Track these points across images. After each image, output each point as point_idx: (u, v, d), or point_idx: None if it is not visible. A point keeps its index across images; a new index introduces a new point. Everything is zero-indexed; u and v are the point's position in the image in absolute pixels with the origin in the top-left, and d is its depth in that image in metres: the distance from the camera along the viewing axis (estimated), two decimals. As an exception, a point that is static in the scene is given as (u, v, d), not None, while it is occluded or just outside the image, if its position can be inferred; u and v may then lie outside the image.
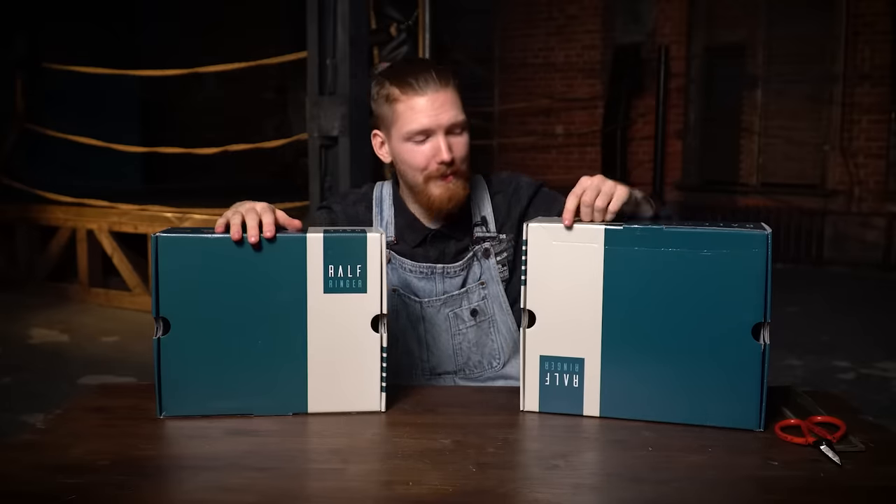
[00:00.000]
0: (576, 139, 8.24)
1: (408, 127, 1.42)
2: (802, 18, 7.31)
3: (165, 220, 5.12)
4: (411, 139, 1.43)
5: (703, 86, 7.76)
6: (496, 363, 1.52)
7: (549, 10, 8.19)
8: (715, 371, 1.18)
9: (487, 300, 1.51)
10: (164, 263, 1.19)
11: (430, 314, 1.50)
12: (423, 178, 1.44)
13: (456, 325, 1.51)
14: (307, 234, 1.21)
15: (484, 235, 1.52)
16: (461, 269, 1.51)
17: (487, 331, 1.52)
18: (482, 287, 1.51)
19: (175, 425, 1.20)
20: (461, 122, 1.44)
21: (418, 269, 1.50)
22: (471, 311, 1.51)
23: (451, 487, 0.99)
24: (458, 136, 1.44)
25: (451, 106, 1.42)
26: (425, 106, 1.41)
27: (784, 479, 1.03)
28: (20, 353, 4.33)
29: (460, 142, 1.44)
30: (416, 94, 1.41)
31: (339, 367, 1.23)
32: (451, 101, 1.42)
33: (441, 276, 1.50)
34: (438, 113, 1.41)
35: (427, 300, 1.50)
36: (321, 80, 4.17)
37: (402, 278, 1.50)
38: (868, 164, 7.19)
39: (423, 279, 1.50)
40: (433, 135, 1.42)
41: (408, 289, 1.50)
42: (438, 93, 1.41)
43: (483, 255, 1.51)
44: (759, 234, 1.16)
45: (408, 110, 1.42)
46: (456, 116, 1.43)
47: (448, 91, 1.42)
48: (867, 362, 4.22)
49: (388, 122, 1.46)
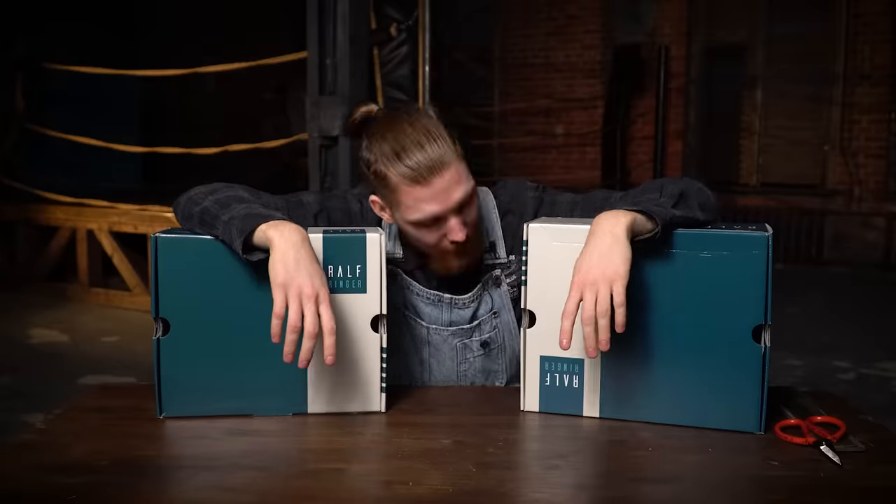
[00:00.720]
0: (576, 139, 8.24)
1: (413, 217, 1.30)
2: (802, 18, 7.32)
3: (165, 220, 5.12)
4: (422, 224, 1.31)
5: (703, 86, 7.77)
6: (499, 383, 1.48)
7: (549, 10, 8.19)
8: (715, 373, 1.18)
9: (499, 329, 1.44)
10: (163, 264, 1.19)
11: (436, 341, 1.43)
12: (437, 253, 1.36)
13: (463, 355, 1.44)
14: (307, 234, 1.21)
15: (494, 263, 1.42)
16: (471, 300, 1.42)
17: (496, 358, 1.45)
18: (494, 317, 1.43)
19: (175, 425, 1.20)
20: (471, 190, 1.31)
21: (425, 294, 1.41)
22: (481, 343, 1.43)
23: (451, 487, 0.99)
24: (468, 206, 1.32)
25: (457, 183, 1.29)
26: (431, 195, 1.27)
27: (784, 479, 1.02)
28: (20, 353, 4.33)
29: (471, 211, 1.33)
30: (418, 185, 1.27)
31: (339, 368, 1.23)
32: (457, 177, 1.29)
33: (449, 305, 1.41)
34: (447, 197, 1.28)
35: (434, 327, 1.42)
36: (321, 80, 4.17)
37: (408, 299, 1.42)
38: (868, 164, 7.20)
39: (430, 305, 1.42)
40: (445, 218, 1.30)
41: (413, 310, 1.42)
42: (443, 174, 1.27)
43: (494, 284, 1.42)
44: (759, 236, 1.16)
45: (412, 202, 1.29)
46: (465, 192, 1.30)
47: (452, 167, 1.28)
48: (867, 362, 4.22)
49: (389, 202, 1.34)
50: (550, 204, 1.44)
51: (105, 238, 5.46)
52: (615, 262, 1.11)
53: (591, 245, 1.14)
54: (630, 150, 7.96)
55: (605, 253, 1.12)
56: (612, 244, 1.12)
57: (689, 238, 1.18)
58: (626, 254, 1.12)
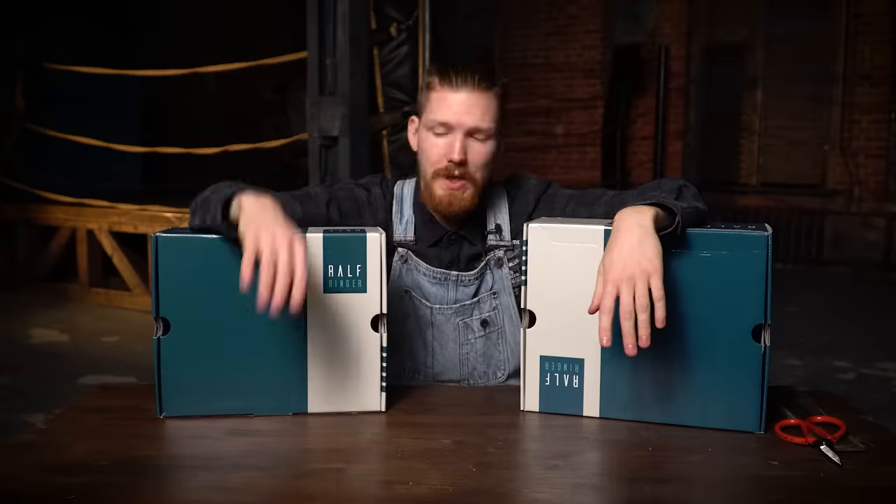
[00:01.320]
0: (576, 139, 8.24)
1: (433, 115, 1.43)
2: (802, 18, 7.32)
3: (165, 220, 5.12)
4: (433, 129, 1.43)
5: (703, 86, 7.76)
6: (500, 374, 1.50)
7: (549, 10, 8.19)
8: (715, 373, 1.18)
9: (498, 311, 1.49)
10: (164, 263, 1.19)
11: (439, 321, 1.48)
12: (432, 172, 1.44)
13: (465, 335, 1.49)
14: (307, 234, 1.21)
15: (497, 244, 1.49)
16: (475, 277, 1.49)
17: (496, 342, 1.49)
18: (494, 297, 1.49)
19: (175, 425, 1.20)
20: (486, 130, 1.42)
21: (432, 273, 1.48)
22: (481, 322, 1.49)
23: (451, 487, 0.99)
24: (479, 141, 1.43)
25: (480, 110, 1.41)
26: (455, 102, 1.41)
27: (784, 479, 1.03)
28: (20, 353, 4.33)
29: (480, 149, 1.43)
30: (450, 88, 1.41)
31: (340, 368, 1.23)
32: (483, 107, 1.41)
33: (455, 283, 1.48)
34: (465, 112, 1.40)
35: (438, 307, 1.48)
36: (321, 80, 4.17)
37: (416, 280, 1.48)
38: (868, 164, 7.19)
39: (436, 284, 1.48)
40: (453, 131, 1.42)
41: (419, 292, 1.48)
42: (473, 94, 1.41)
43: (496, 265, 1.49)
44: (759, 236, 1.16)
45: (438, 100, 1.42)
46: (481, 122, 1.41)
47: (484, 96, 1.41)
48: (867, 362, 4.22)
49: (423, 107, 1.47)
50: (552, 196, 1.52)
51: (105, 238, 5.46)
52: (649, 255, 1.09)
53: (620, 239, 1.12)
54: (630, 150, 7.95)
55: (637, 246, 1.10)
56: (643, 237, 1.11)
57: (689, 238, 1.18)
58: (658, 246, 1.11)
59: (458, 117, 1.41)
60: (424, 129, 1.46)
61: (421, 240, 1.50)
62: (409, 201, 1.52)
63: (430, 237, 1.50)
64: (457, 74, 1.41)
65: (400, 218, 1.51)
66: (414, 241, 1.49)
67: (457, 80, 1.41)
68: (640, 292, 1.08)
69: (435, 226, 1.50)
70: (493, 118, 1.43)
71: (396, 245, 1.50)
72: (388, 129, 4.72)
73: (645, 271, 1.08)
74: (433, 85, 1.44)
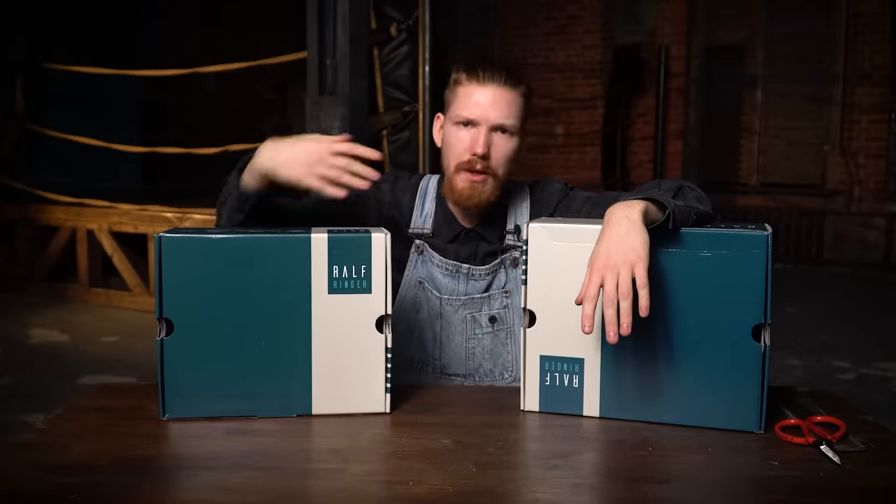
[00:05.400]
0: (576, 139, 8.24)
1: (458, 111, 1.45)
2: (802, 18, 7.32)
3: (165, 220, 5.11)
4: (458, 123, 1.45)
5: (703, 86, 7.76)
6: (508, 375, 1.50)
7: (549, 10, 8.19)
8: (715, 373, 1.18)
9: (509, 309, 1.49)
10: (167, 264, 1.19)
11: (447, 312, 1.50)
12: (455, 165, 1.45)
13: (472, 329, 1.50)
14: (311, 235, 1.21)
15: (515, 244, 1.50)
16: (487, 273, 1.50)
17: (504, 341, 1.50)
18: (505, 296, 1.49)
19: (175, 425, 1.20)
20: (510, 126, 1.44)
21: (445, 264, 1.50)
22: (489, 318, 1.49)
23: (451, 487, 0.99)
24: (503, 137, 1.45)
25: (505, 106, 1.43)
26: (481, 97, 1.43)
27: (784, 479, 1.03)
28: (20, 353, 4.33)
29: (503, 144, 1.45)
30: (477, 84, 1.44)
31: (344, 369, 1.23)
32: (508, 103, 1.44)
33: (466, 276, 1.50)
34: (490, 107, 1.43)
35: (447, 297, 1.49)
36: (321, 80, 4.17)
37: (429, 271, 1.51)
38: (868, 164, 7.20)
39: (448, 276, 1.50)
40: (478, 126, 1.43)
41: (432, 282, 1.50)
42: (499, 90, 1.43)
43: (511, 264, 1.50)
44: (759, 235, 1.16)
45: (464, 96, 1.44)
46: (506, 118, 1.43)
47: (510, 93, 1.44)
48: (867, 362, 4.22)
49: (449, 103, 1.49)
50: (571, 199, 1.53)
51: (105, 238, 5.45)
52: (635, 245, 1.11)
53: (608, 231, 1.15)
54: (630, 150, 7.95)
55: (624, 237, 1.12)
56: (630, 228, 1.13)
57: (689, 237, 1.18)
58: (645, 237, 1.12)
59: (483, 112, 1.43)
60: (450, 123, 1.47)
61: (438, 234, 1.52)
62: (431, 195, 1.54)
63: (448, 233, 1.51)
64: (484, 70, 1.44)
65: (421, 210, 1.53)
66: (431, 234, 1.52)
67: (484, 76, 1.43)
68: (623, 280, 1.09)
69: (453, 222, 1.52)
70: (518, 116, 1.45)
71: (413, 236, 1.52)
72: (388, 129, 4.72)
73: (629, 261, 1.10)
74: (460, 80, 1.46)
